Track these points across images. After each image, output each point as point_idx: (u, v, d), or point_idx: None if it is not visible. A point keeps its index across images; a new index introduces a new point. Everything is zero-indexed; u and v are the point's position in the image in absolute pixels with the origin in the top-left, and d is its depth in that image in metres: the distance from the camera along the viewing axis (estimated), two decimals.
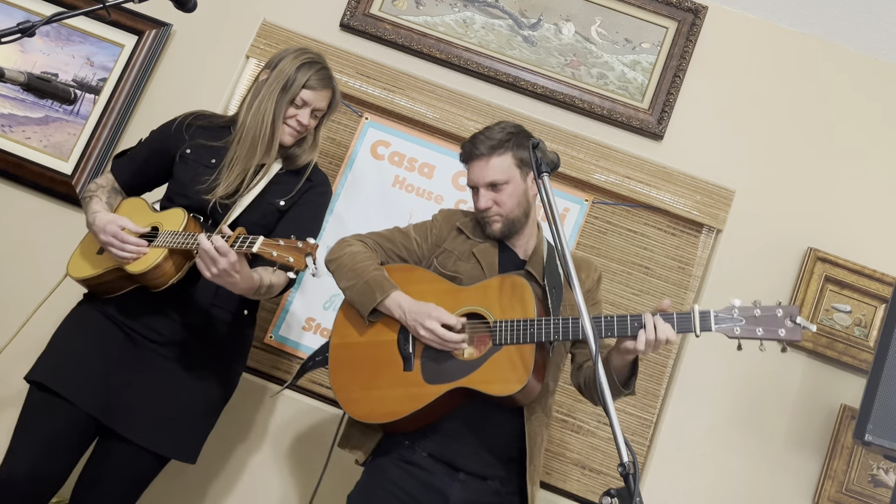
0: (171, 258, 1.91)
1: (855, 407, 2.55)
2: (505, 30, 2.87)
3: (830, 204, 2.74)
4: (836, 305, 2.66)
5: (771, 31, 2.86)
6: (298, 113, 2.07)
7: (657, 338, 1.68)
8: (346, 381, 1.92)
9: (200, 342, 2.00)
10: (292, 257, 1.69)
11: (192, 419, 2.01)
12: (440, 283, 1.94)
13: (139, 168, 2.15)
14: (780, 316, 1.66)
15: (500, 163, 1.94)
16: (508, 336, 1.80)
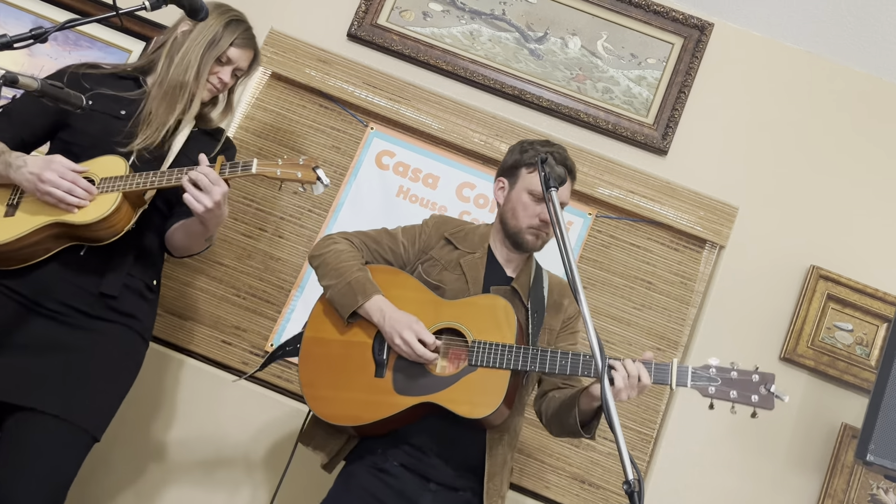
0: (126, 202, 1.81)
1: (855, 426, 2.55)
2: (511, 43, 2.88)
3: (833, 222, 2.75)
4: (838, 324, 2.66)
5: (776, 50, 2.87)
6: (221, 70, 2.04)
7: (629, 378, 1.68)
8: (314, 378, 1.90)
9: (112, 312, 1.89)
10: (300, 172, 1.64)
11: (101, 393, 1.88)
12: (423, 293, 1.93)
13: (25, 123, 1.95)
14: (755, 381, 1.71)
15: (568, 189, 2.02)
16: (485, 358, 1.80)
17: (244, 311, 2.71)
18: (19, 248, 1.80)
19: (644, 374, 1.69)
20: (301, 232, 2.76)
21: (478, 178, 2.80)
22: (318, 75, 2.81)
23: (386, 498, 1.83)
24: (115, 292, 1.88)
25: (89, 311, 1.87)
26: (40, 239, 1.81)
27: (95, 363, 1.86)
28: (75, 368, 1.83)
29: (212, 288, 2.72)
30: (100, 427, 1.90)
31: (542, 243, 2.01)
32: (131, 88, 2.03)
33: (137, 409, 2.59)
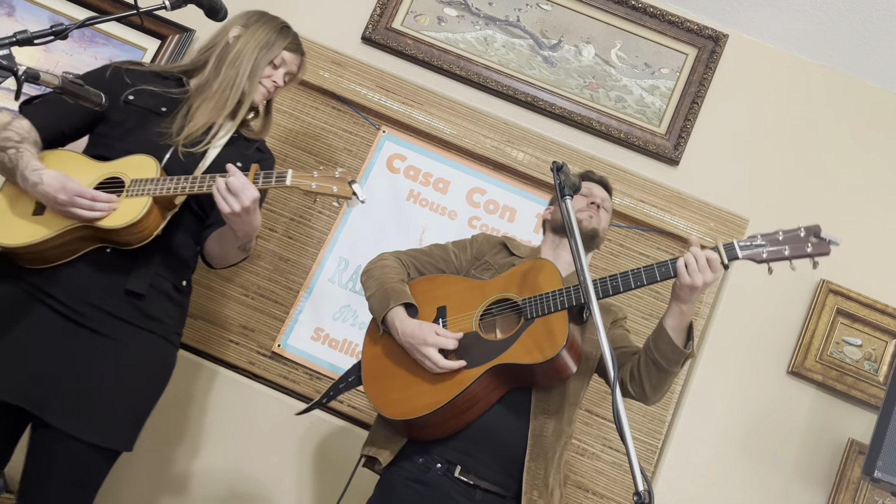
0: (156, 207, 1.77)
1: (862, 441, 2.54)
2: (525, 49, 2.88)
3: (845, 237, 2.73)
4: (847, 339, 2.65)
5: (791, 63, 2.87)
6: (274, 73, 2.07)
7: (699, 262, 1.70)
8: (381, 389, 1.91)
9: (140, 315, 1.83)
10: (335, 186, 1.62)
11: (129, 402, 1.82)
12: (464, 283, 1.99)
13: (65, 114, 1.91)
14: (803, 235, 1.71)
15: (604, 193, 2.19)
16: (538, 308, 1.82)
17: (252, 311, 2.71)
18: (46, 248, 1.77)
19: (710, 253, 1.70)
20: (310, 233, 2.77)
21: (488, 184, 2.80)
22: (331, 77, 2.82)
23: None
24: (142, 290, 1.83)
25: (116, 312, 1.81)
26: (68, 240, 1.77)
27: (123, 377, 1.80)
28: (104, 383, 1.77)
29: (220, 287, 2.73)
30: (127, 442, 1.85)
31: (594, 226, 2.07)
32: (173, 87, 2.02)
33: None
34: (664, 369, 1.84)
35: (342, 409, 2.64)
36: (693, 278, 1.71)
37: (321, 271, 2.73)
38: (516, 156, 2.78)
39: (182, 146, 1.90)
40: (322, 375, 2.66)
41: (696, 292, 1.75)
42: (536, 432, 1.84)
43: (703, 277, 1.71)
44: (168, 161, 1.89)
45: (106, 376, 1.78)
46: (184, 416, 2.63)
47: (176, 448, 2.61)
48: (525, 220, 2.78)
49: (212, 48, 2.06)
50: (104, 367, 1.78)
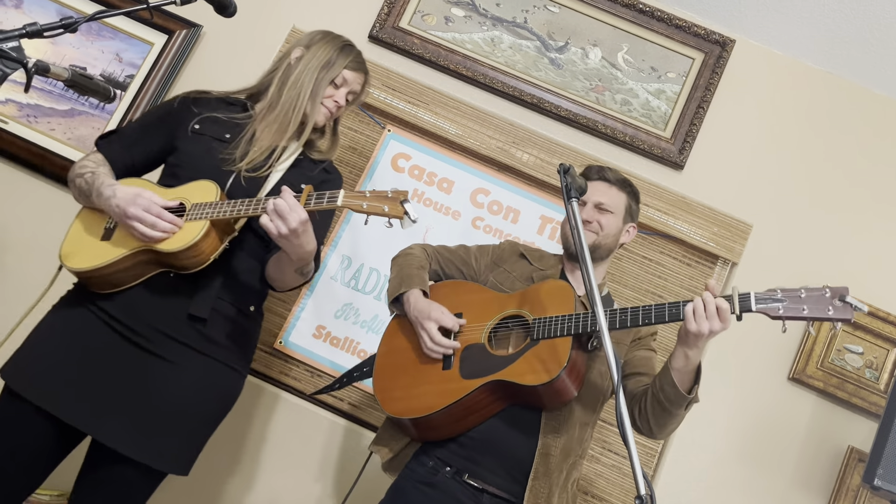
0: (214, 230, 1.76)
1: (862, 449, 2.54)
2: (532, 51, 2.88)
3: (847, 244, 2.74)
4: (849, 346, 2.65)
5: (798, 69, 2.87)
6: (336, 93, 2.03)
7: (707, 309, 1.64)
8: (387, 384, 1.97)
9: (202, 339, 1.84)
10: (387, 206, 1.59)
11: (186, 427, 1.83)
12: (486, 293, 2.01)
13: (137, 147, 1.98)
14: (827, 296, 1.60)
15: (616, 196, 2.07)
16: (543, 330, 1.82)
17: (274, 317, 2.71)
18: (112, 272, 1.80)
19: (721, 302, 1.64)
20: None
21: (492, 185, 2.80)
22: None
23: None
24: (203, 314, 1.82)
25: (178, 336, 1.81)
26: (131, 265, 1.80)
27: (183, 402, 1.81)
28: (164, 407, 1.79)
29: None
30: (184, 466, 1.86)
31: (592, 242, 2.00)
32: (238, 112, 2.02)
33: None
34: (668, 410, 1.82)
35: (342, 407, 2.64)
36: (699, 325, 1.65)
37: (324, 269, 2.73)
38: (521, 157, 2.78)
39: (245, 171, 1.89)
40: (323, 373, 2.66)
41: (701, 339, 1.69)
42: (543, 451, 1.84)
43: (710, 326, 1.65)
44: (231, 186, 1.88)
45: (166, 400, 1.79)
46: None
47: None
48: (529, 221, 2.78)
49: (275, 70, 2.06)
50: (164, 391, 1.79)
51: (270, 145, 1.95)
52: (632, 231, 2.13)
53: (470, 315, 1.98)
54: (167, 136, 1.97)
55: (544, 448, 1.83)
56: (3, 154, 2.78)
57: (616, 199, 2.06)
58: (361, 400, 2.65)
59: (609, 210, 2.04)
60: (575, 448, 1.91)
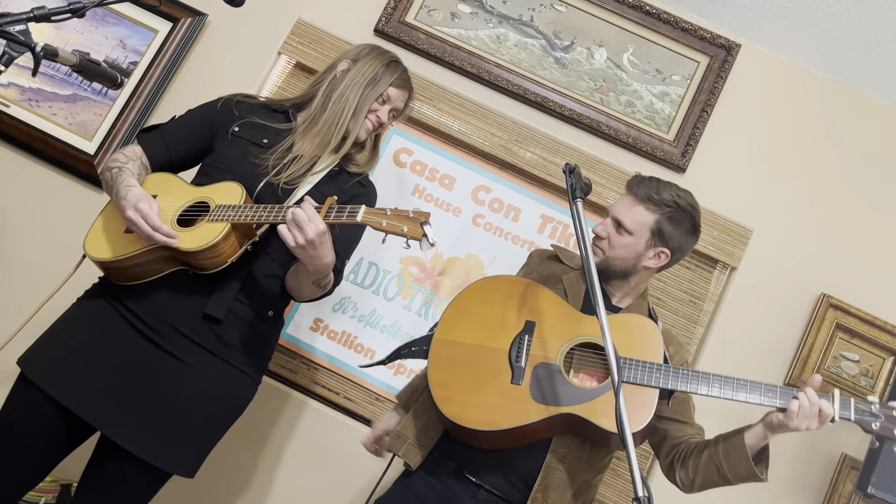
0: (234, 233, 1.75)
1: (855, 457, 2.54)
2: (537, 50, 2.88)
3: (848, 252, 2.74)
4: (845, 353, 2.65)
5: (802, 76, 2.87)
6: (380, 109, 2.01)
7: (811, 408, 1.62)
8: (445, 380, 1.82)
9: (216, 341, 1.82)
10: (406, 226, 1.56)
11: (195, 430, 1.82)
12: (563, 307, 1.87)
13: (176, 143, 1.98)
14: None
15: (640, 215, 1.90)
16: (632, 375, 1.72)
17: None
18: (131, 265, 1.80)
19: (826, 405, 1.62)
20: None
21: (494, 182, 2.80)
22: None
23: (432, 502, 1.81)
24: (219, 315, 1.80)
25: (192, 336, 1.80)
26: (151, 259, 1.79)
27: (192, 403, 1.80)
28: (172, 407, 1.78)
29: None
30: (189, 469, 1.84)
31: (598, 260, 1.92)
32: (281, 121, 2.01)
33: None
34: (727, 481, 1.78)
35: (338, 402, 2.63)
36: (799, 423, 1.64)
37: None
38: (524, 155, 2.78)
39: (284, 183, 1.88)
40: (319, 366, 2.65)
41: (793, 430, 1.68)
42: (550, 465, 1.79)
43: (808, 424, 1.63)
44: (260, 191, 1.87)
45: (176, 401, 1.78)
46: None
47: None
48: (529, 220, 2.77)
49: (321, 81, 2.04)
50: (176, 392, 1.78)
51: (311, 159, 1.93)
52: (662, 257, 1.92)
53: (544, 328, 1.84)
54: (206, 137, 1.97)
55: (551, 464, 1.79)
56: (5, 138, 2.76)
57: (640, 219, 1.89)
58: (358, 395, 2.65)
59: (627, 230, 1.90)
60: (584, 470, 1.85)
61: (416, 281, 2.72)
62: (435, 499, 1.81)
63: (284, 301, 1.96)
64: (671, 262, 1.94)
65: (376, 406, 2.64)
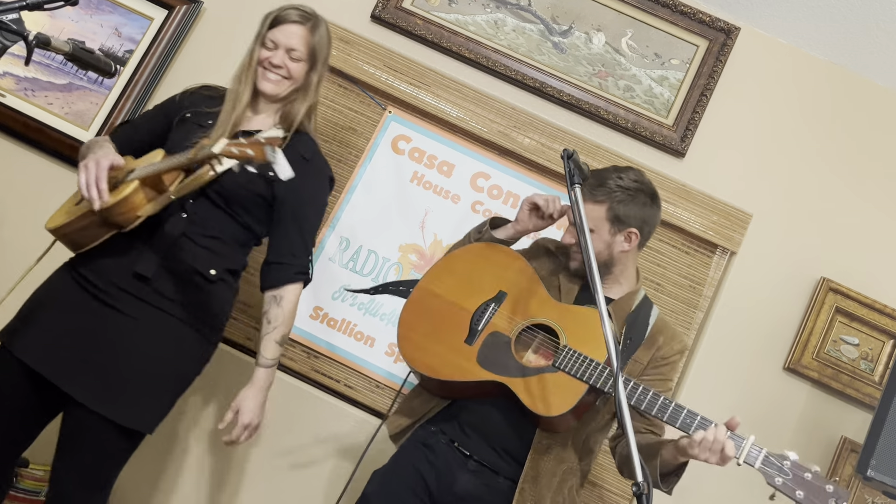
0: (142, 189, 1.84)
1: (855, 440, 2.55)
2: (535, 34, 2.86)
3: (847, 235, 2.74)
4: (845, 337, 2.66)
5: (802, 59, 2.85)
6: (271, 55, 2.04)
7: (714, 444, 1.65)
8: (412, 322, 2.00)
9: (156, 295, 1.90)
10: (251, 149, 1.61)
11: (148, 383, 1.88)
12: (536, 286, 1.96)
13: (139, 135, 2.11)
14: (828, 491, 1.59)
15: (592, 210, 1.93)
16: (569, 365, 1.80)
17: (251, 287, 2.70)
18: (72, 231, 1.91)
19: (730, 446, 1.65)
20: None
21: (493, 169, 2.79)
22: (339, 55, 2.79)
23: (426, 472, 1.89)
24: (147, 273, 1.88)
25: (133, 291, 1.89)
26: (86, 224, 1.88)
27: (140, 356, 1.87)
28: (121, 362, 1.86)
29: None
30: (147, 423, 1.90)
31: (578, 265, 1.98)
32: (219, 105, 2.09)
33: None
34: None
35: (338, 389, 2.64)
36: (698, 453, 1.67)
37: (322, 251, 2.72)
38: (522, 141, 2.77)
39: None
40: (319, 354, 2.66)
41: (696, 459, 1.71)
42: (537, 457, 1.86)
43: (707, 457, 1.67)
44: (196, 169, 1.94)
45: (124, 354, 1.86)
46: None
47: (169, 419, 2.61)
48: None
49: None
50: (123, 345, 1.86)
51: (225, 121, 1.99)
52: (633, 237, 1.96)
53: (512, 302, 1.95)
54: (163, 127, 2.09)
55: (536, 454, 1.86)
56: (1, 128, 2.75)
57: (592, 215, 1.93)
58: (358, 382, 2.65)
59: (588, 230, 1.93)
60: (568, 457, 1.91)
61: (416, 268, 2.72)
62: (430, 469, 1.90)
63: (230, 261, 2.02)
64: (644, 236, 1.99)
65: (377, 393, 2.64)
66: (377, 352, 2.66)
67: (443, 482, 1.88)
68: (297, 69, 2.05)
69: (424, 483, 1.88)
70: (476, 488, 1.87)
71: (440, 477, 1.89)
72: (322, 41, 2.08)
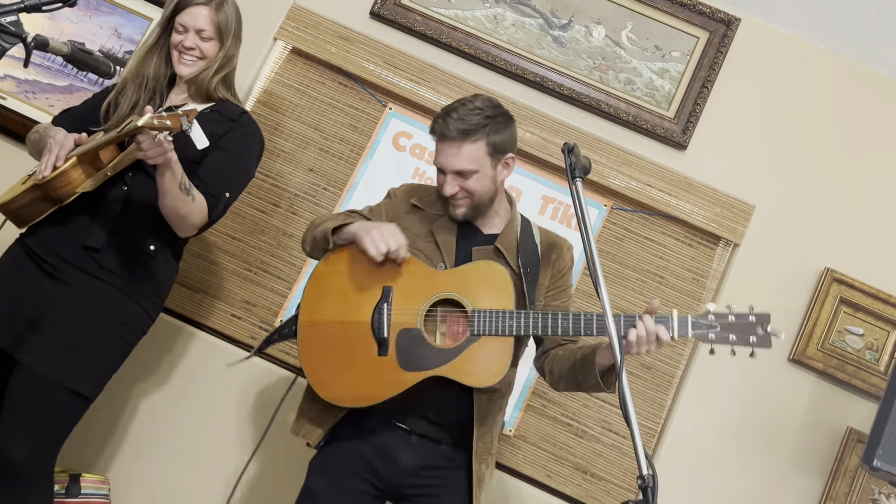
0: (80, 166, 1.92)
1: (861, 430, 2.55)
2: (535, 29, 2.85)
3: (850, 226, 2.73)
4: (849, 328, 2.65)
5: (803, 49, 2.84)
6: (183, 38, 2.10)
7: (647, 336, 1.70)
8: (316, 363, 1.86)
9: (97, 267, 1.97)
10: (170, 121, 1.70)
11: (86, 347, 1.95)
12: (415, 266, 1.87)
13: (78, 118, 2.17)
14: (752, 322, 1.71)
15: (471, 151, 1.85)
16: (486, 327, 1.79)
17: (255, 286, 2.71)
18: (17, 208, 1.99)
19: (662, 330, 1.70)
20: (315, 210, 2.76)
21: None
22: (338, 52, 2.79)
23: (368, 454, 1.86)
24: (97, 245, 1.97)
25: (77, 264, 1.96)
26: (29, 200, 1.97)
27: (77, 319, 1.94)
28: (61, 326, 1.93)
29: (223, 261, 2.72)
30: (84, 384, 1.95)
31: (465, 211, 1.91)
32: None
33: (138, 373, 2.61)
34: (584, 391, 1.92)
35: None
36: (639, 349, 1.72)
37: None
38: (523, 136, 2.76)
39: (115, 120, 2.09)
40: None
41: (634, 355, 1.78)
42: (481, 408, 1.87)
43: (648, 349, 1.72)
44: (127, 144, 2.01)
45: (64, 318, 1.93)
46: (186, 388, 2.63)
47: (179, 419, 2.62)
48: (531, 201, 2.76)
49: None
50: (65, 312, 1.93)
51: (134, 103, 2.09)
52: (511, 163, 1.93)
53: (401, 291, 1.85)
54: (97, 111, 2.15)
55: (480, 412, 1.86)
56: (2, 130, 2.76)
57: (471, 156, 1.85)
58: None
59: (469, 171, 1.85)
60: (506, 391, 1.96)
61: None
62: (371, 450, 1.86)
63: (166, 236, 2.06)
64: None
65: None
66: None
67: (387, 460, 1.85)
68: (209, 48, 2.13)
69: (368, 464, 1.85)
70: (422, 460, 1.86)
71: (382, 455, 1.85)
72: (228, 17, 2.15)
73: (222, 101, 2.17)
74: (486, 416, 1.88)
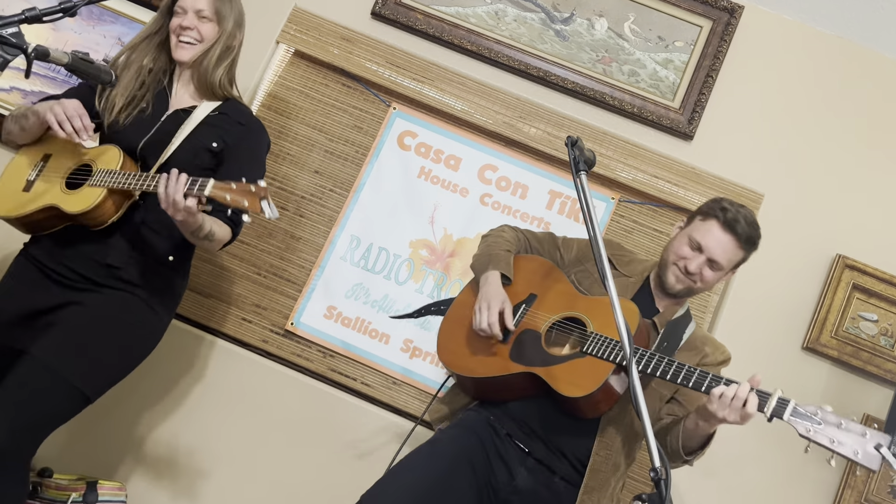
0: (111, 197, 1.92)
1: (878, 417, 2.53)
2: (537, 23, 2.84)
3: (861, 211, 2.70)
4: (863, 314, 2.63)
5: (808, 35, 2.82)
6: (182, 20, 2.09)
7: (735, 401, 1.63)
8: (448, 333, 2.12)
9: (117, 280, 1.98)
10: (247, 200, 1.70)
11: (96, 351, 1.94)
12: (565, 286, 2.05)
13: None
14: (866, 437, 1.53)
15: (736, 256, 1.96)
16: (594, 348, 1.85)
17: (264, 290, 2.72)
18: (28, 222, 2.01)
19: (752, 402, 1.62)
20: (322, 212, 2.76)
21: (500, 161, 2.78)
22: (341, 54, 2.79)
23: (489, 450, 1.91)
24: (120, 264, 1.98)
25: (95, 278, 1.97)
26: (44, 217, 1.98)
27: (94, 323, 1.94)
28: (74, 323, 1.93)
29: (233, 266, 2.73)
30: (88, 384, 1.93)
31: (682, 288, 1.98)
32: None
33: (152, 380, 2.62)
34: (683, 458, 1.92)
35: (355, 387, 2.65)
36: (717, 410, 1.66)
37: (333, 249, 2.73)
38: (528, 131, 2.76)
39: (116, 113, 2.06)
40: (335, 353, 2.66)
41: (717, 422, 1.71)
42: (601, 449, 1.89)
43: (726, 416, 1.65)
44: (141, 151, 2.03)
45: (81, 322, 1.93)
46: (198, 393, 2.65)
47: (189, 425, 2.63)
48: (537, 196, 2.76)
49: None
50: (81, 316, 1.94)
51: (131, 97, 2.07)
52: (729, 275, 2.04)
53: (542, 301, 2.03)
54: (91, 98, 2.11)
55: (600, 446, 1.88)
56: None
57: (734, 258, 1.96)
58: (375, 380, 2.65)
59: (721, 268, 1.95)
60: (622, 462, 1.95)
61: (427, 263, 2.72)
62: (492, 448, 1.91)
63: (183, 245, 2.08)
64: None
65: (393, 390, 2.64)
66: (392, 348, 2.66)
67: (503, 473, 1.89)
68: (208, 30, 2.11)
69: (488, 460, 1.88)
70: (534, 485, 1.88)
71: (502, 466, 1.89)
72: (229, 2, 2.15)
73: (228, 100, 2.16)
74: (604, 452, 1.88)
